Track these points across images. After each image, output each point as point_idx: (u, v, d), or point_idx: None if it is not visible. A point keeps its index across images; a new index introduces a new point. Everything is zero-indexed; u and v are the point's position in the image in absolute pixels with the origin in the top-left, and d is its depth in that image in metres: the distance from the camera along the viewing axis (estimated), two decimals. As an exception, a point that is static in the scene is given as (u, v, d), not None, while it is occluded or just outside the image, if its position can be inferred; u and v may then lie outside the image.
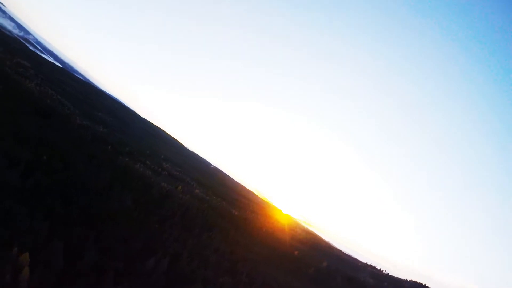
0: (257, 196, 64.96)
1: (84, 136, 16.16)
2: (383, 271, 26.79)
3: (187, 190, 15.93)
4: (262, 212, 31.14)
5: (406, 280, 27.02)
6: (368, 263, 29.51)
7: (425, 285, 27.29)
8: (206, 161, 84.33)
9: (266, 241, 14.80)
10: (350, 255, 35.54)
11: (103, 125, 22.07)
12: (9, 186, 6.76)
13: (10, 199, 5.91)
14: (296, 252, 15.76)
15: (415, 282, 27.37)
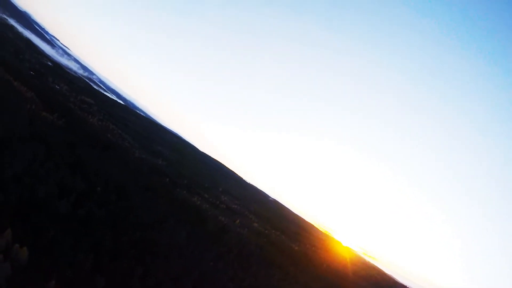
0: (316, 228, 72.37)
1: (141, 169, 18.80)
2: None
3: (245, 224, 18.15)
4: (323, 246, 35.06)
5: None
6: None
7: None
8: (265, 193, 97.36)
9: (328, 277, 16.20)
10: (414, 291, 33.17)
11: (161, 158, 26.03)
12: (57, 216, 7.75)
13: (56, 229, 6.65)
14: (358, 291, 16.64)
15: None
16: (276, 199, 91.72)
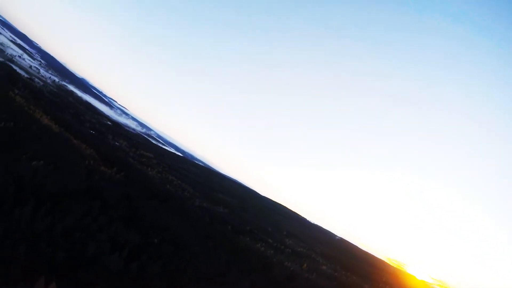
0: (388, 264, 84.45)
1: (202, 218, 20.25)
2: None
3: (313, 268, 19.98)
4: (397, 282, 40.46)
5: None
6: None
7: None
8: (331, 232, 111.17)
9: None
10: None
11: (223, 205, 28.37)
12: (107, 271, 8.84)
13: (105, 285, 7.66)
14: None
15: None
16: (343, 238, 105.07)
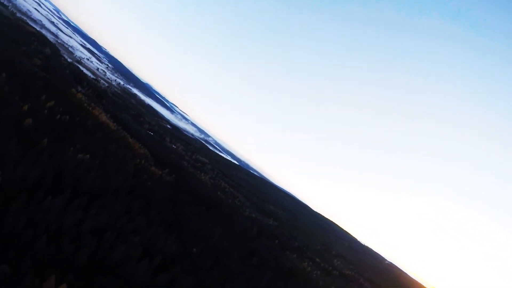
0: None
1: (249, 230, 19.38)
2: None
3: None
4: None
5: None
6: None
7: None
8: (380, 256, 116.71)
9: None
10: None
11: (273, 217, 27.45)
12: (129, 279, 8.22)
13: None
14: None
15: None
16: (392, 262, 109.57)
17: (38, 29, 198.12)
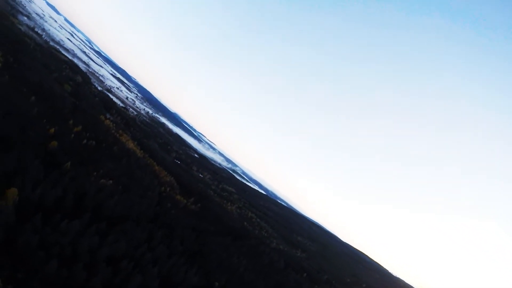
0: None
1: (276, 262, 18.23)
2: None
3: None
4: None
5: None
6: None
7: None
8: None
9: None
10: None
11: (301, 249, 26.08)
12: None
13: None
14: None
15: None
16: None
17: (70, 57, 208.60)
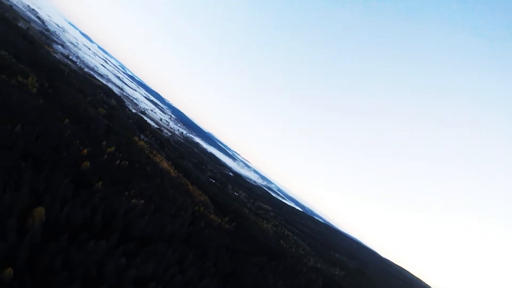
0: None
1: (314, 281, 16.71)
2: None
3: None
4: None
5: None
6: None
7: None
8: None
9: None
10: None
11: (339, 267, 24.37)
12: None
13: None
14: None
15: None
16: None
17: (104, 82, 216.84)
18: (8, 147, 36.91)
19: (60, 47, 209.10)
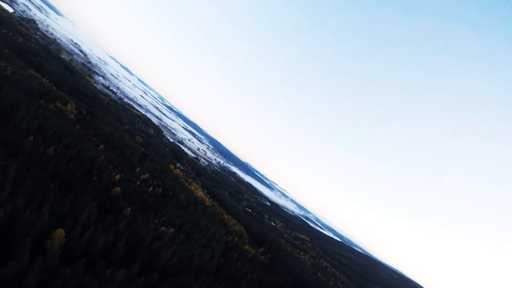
0: None
1: None
2: None
3: None
4: None
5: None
6: None
7: None
8: None
9: None
10: None
11: None
12: None
13: None
14: None
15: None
16: None
17: (143, 112, 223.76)
18: (38, 168, 36.98)
19: (101, 78, 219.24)
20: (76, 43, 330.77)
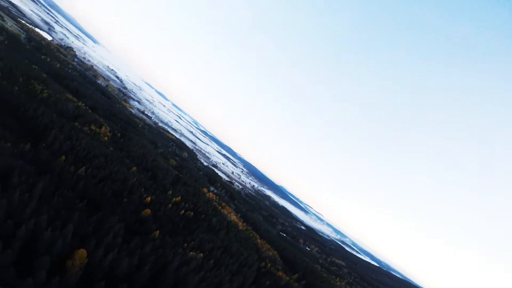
0: None
1: None
2: None
3: None
4: None
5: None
6: None
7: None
8: None
9: None
10: None
11: None
12: None
13: None
14: None
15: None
16: None
17: (177, 136, 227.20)
18: (67, 187, 36.96)
19: (136, 103, 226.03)
20: (112, 69, 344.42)
